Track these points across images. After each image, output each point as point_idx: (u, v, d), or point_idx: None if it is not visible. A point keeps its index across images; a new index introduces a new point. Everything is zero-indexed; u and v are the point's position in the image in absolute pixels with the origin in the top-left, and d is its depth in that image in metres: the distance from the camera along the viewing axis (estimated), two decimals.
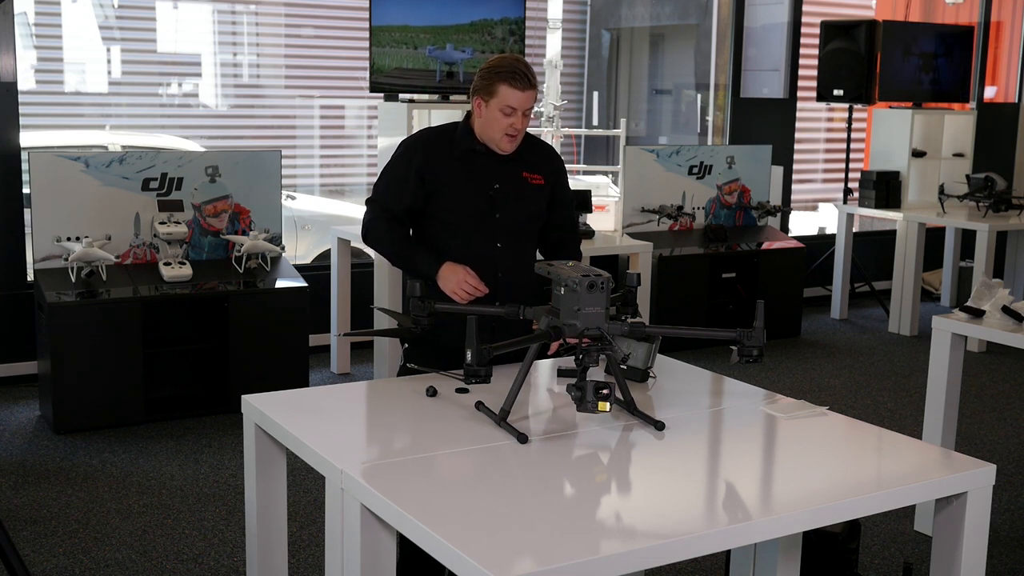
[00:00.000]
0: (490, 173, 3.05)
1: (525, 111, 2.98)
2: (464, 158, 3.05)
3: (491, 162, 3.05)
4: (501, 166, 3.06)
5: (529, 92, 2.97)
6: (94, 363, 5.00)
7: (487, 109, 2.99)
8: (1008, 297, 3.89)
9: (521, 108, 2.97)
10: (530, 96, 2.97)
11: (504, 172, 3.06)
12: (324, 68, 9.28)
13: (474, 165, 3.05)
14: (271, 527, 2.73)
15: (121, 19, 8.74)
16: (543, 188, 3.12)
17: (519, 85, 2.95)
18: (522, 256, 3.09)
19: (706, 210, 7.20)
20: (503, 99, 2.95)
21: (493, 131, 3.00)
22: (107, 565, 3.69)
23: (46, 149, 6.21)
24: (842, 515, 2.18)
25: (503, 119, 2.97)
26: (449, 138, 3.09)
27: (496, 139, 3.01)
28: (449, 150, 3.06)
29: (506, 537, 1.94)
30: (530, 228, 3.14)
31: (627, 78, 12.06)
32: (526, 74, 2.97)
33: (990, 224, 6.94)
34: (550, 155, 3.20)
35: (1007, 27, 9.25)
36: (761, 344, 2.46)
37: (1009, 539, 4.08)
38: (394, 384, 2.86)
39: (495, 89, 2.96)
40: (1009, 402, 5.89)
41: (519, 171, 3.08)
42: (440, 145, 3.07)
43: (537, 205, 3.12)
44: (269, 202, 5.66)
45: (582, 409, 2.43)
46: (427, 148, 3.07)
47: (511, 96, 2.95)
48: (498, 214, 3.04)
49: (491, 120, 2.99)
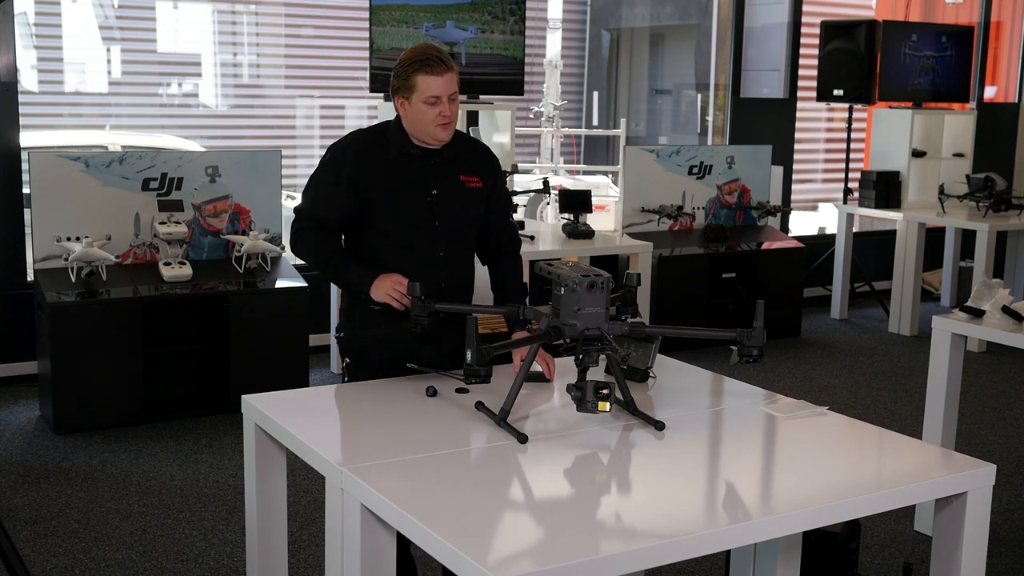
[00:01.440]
0: (426, 178, 2.92)
1: (450, 96, 2.84)
2: (398, 162, 2.91)
3: (426, 166, 2.92)
4: (437, 169, 2.93)
5: (448, 75, 2.83)
6: (94, 363, 5.00)
7: (411, 106, 2.85)
8: (1008, 297, 3.89)
9: (445, 94, 2.82)
10: (450, 80, 2.83)
11: (441, 176, 2.93)
12: (324, 68, 9.28)
13: (409, 169, 2.91)
14: (271, 527, 2.73)
15: (121, 19, 8.75)
16: (480, 191, 2.99)
17: (436, 70, 2.81)
18: (464, 261, 3.00)
19: (706, 210, 7.20)
20: (424, 90, 2.82)
21: (424, 125, 2.85)
22: (107, 565, 3.69)
23: (46, 149, 6.22)
24: (842, 515, 2.18)
25: (430, 110, 2.83)
26: (381, 141, 2.94)
27: (430, 131, 2.86)
28: (381, 154, 2.91)
29: (506, 537, 1.94)
30: (470, 233, 3.02)
31: (627, 78, 12.07)
32: (439, 58, 2.83)
33: (990, 224, 6.94)
34: (487, 156, 3.06)
35: (1007, 27, 9.25)
36: (761, 344, 2.46)
37: (1009, 539, 4.08)
38: (394, 384, 2.86)
39: (412, 83, 2.83)
40: (1009, 402, 5.90)
41: (456, 174, 2.95)
42: (371, 150, 2.92)
43: (476, 209, 2.99)
44: (269, 202, 5.66)
45: (582, 409, 2.44)
46: (358, 154, 2.91)
47: (431, 84, 2.81)
48: (437, 221, 2.91)
49: (418, 115, 2.84)
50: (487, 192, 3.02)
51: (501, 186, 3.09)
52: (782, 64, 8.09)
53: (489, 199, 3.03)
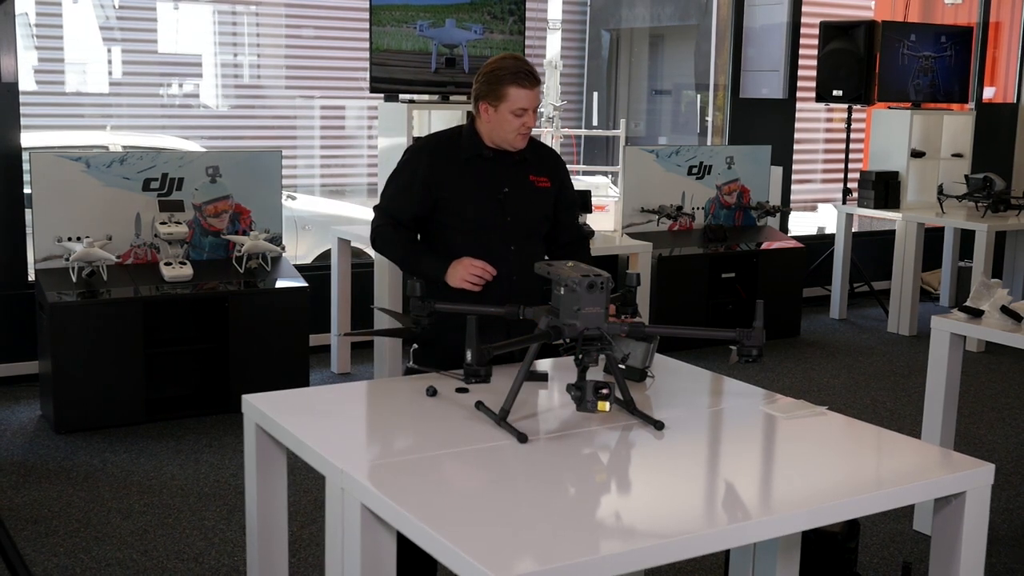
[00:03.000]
0: (498, 177, 3.07)
1: (534, 108, 3.01)
2: (471, 163, 3.07)
3: (498, 166, 3.08)
4: (508, 170, 3.08)
5: (536, 89, 3.00)
6: (94, 363, 5.00)
7: (496, 113, 3.00)
8: (1007, 297, 3.89)
9: (531, 106, 2.99)
10: (538, 93, 3.01)
11: (511, 176, 3.09)
12: (324, 68, 9.28)
13: (481, 170, 3.07)
14: (271, 527, 2.73)
15: (122, 19, 8.75)
16: (550, 191, 3.16)
17: (527, 84, 2.98)
18: (533, 258, 3.09)
19: (706, 210, 7.21)
20: (514, 101, 2.97)
21: (506, 133, 3.02)
22: (108, 564, 3.70)
23: (47, 149, 6.22)
24: (841, 515, 2.19)
25: (515, 120, 2.99)
26: (455, 143, 3.10)
27: (510, 139, 3.03)
28: (455, 156, 3.07)
29: (506, 537, 1.94)
30: (540, 230, 3.18)
31: (627, 78, 12.07)
32: (531, 72, 3.00)
33: (989, 224, 6.95)
34: (553, 158, 3.23)
35: (1006, 27, 9.25)
36: (760, 344, 2.47)
37: (1008, 538, 4.09)
38: (394, 384, 2.87)
39: (504, 92, 2.97)
40: (1008, 402, 5.90)
41: (526, 174, 3.11)
42: (446, 152, 3.09)
43: (546, 207, 3.15)
44: (269, 202, 5.66)
45: (582, 409, 2.44)
46: (432, 156, 3.08)
47: (521, 97, 2.97)
48: (509, 217, 3.06)
49: (502, 123, 3.01)
50: (555, 191, 3.18)
51: (568, 185, 3.26)
52: (781, 64, 8.09)
53: (558, 198, 3.19)
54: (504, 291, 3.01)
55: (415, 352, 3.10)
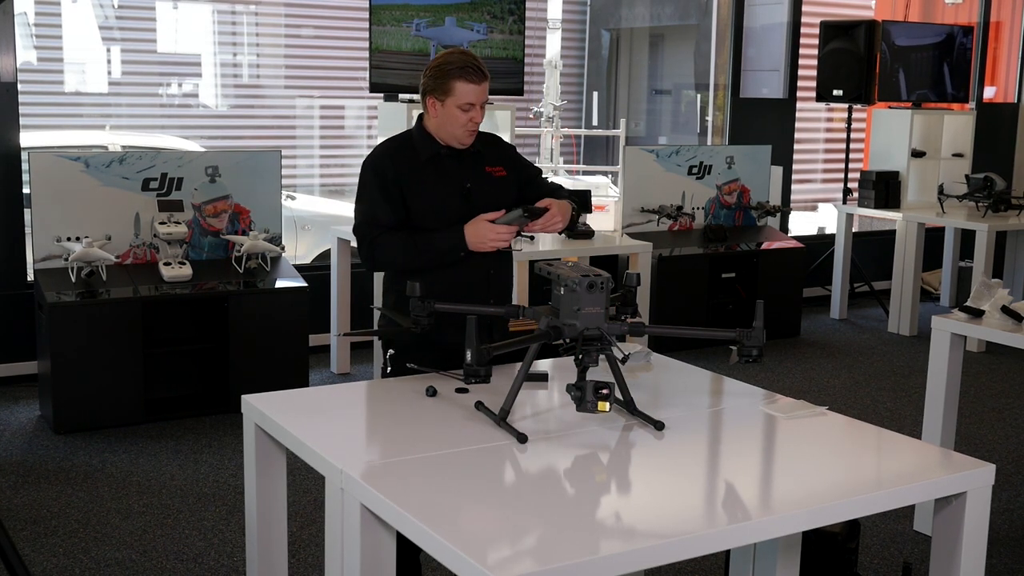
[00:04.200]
0: (459, 173, 3.07)
1: (482, 103, 3.00)
2: (430, 163, 3.05)
3: (456, 163, 3.07)
4: (466, 165, 3.08)
5: (484, 84, 2.99)
6: (94, 363, 5.00)
7: (443, 108, 2.99)
8: (1007, 297, 3.89)
9: (479, 101, 2.98)
10: (485, 88, 2.99)
11: (470, 170, 3.08)
12: (324, 68, 9.28)
13: (442, 168, 3.06)
14: (271, 527, 2.73)
15: (121, 19, 8.74)
16: (508, 179, 3.14)
17: (475, 79, 2.97)
18: (505, 250, 3.11)
19: (706, 210, 7.20)
20: (461, 96, 2.96)
21: (453, 128, 3.00)
22: (107, 565, 3.70)
23: (46, 149, 6.21)
24: (841, 515, 2.18)
25: (462, 115, 2.98)
26: (410, 146, 3.08)
27: (458, 135, 3.02)
28: (414, 158, 3.05)
29: (506, 537, 1.94)
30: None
31: (627, 78, 12.07)
32: (478, 67, 2.99)
33: (989, 224, 6.95)
34: (499, 144, 3.21)
35: (1006, 27, 9.25)
36: (761, 344, 2.46)
37: (1009, 539, 4.08)
38: (394, 384, 2.86)
39: (450, 87, 2.96)
40: (1008, 402, 5.90)
41: (482, 167, 3.11)
42: (404, 155, 3.07)
43: (509, 196, 3.12)
44: (269, 202, 5.66)
45: (582, 409, 2.44)
46: (394, 160, 3.05)
47: (468, 91, 2.96)
48: (477, 211, 3.03)
49: (449, 118, 2.99)
50: (514, 176, 3.16)
51: (522, 162, 3.23)
52: (782, 64, 8.09)
53: (520, 179, 3.17)
54: (483, 286, 3.03)
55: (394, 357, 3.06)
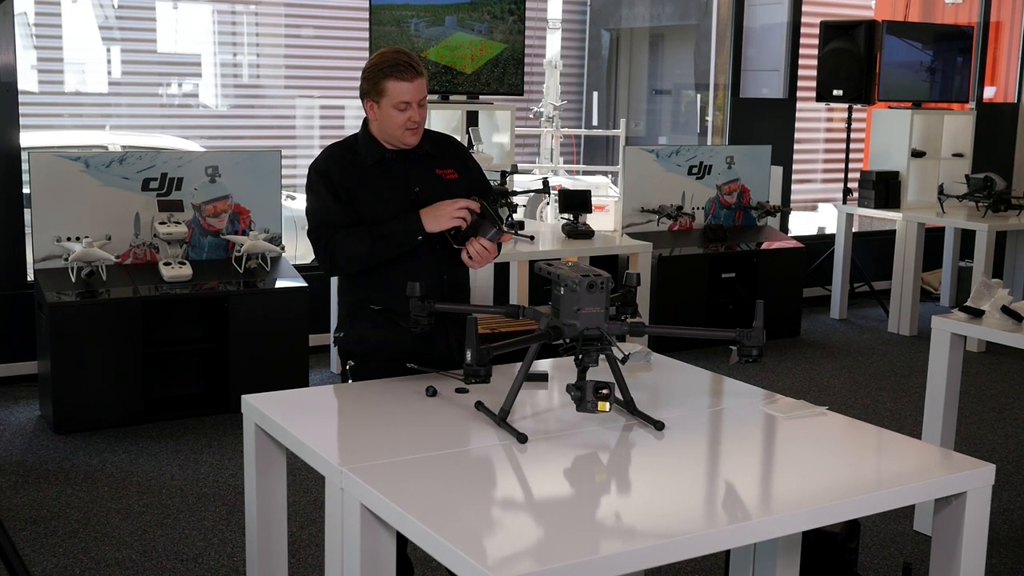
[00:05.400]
0: (406, 177, 2.98)
1: (419, 101, 2.91)
2: (376, 167, 2.98)
3: (403, 166, 2.98)
4: (414, 168, 3.00)
5: (418, 81, 2.90)
6: (94, 363, 5.00)
7: (380, 109, 2.92)
8: (1007, 297, 3.89)
9: (415, 99, 2.89)
10: (420, 85, 2.90)
11: (418, 173, 2.99)
12: (324, 68, 9.28)
13: (388, 172, 2.98)
14: (271, 527, 2.73)
15: (121, 19, 8.75)
16: (459, 182, 3.05)
17: (406, 76, 2.88)
18: (458, 252, 3.01)
19: (706, 210, 7.20)
20: (394, 95, 2.89)
21: (392, 129, 2.93)
22: (107, 565, 3.69)
23: (46, 149, 6.22)
24: (841, 515, 2.18)
25: (399, 115, 2.90)
26: (354, 151, 3.01)
27: (398, 136, 2.94)
28: (359, 163, 2.98)
29: (506, 537, 1.94)
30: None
31: (627, 78, 12.07)
32: (410, 64, 2.90)
33: (989, 224, 6.95)
34: (453, 146, 3.14)
35: (1007, 27, 9.25)
36: (761, 344, 2.46)
37: (1009, 539, 4.08)
38: (394, 384, 2.86)
39: (383, 87, 2.89)
40: (1008, 402, 5.90)
41: (432, 169, 3.02)
42: (348, 159, 2.99)
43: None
44: (269, 202, 5.66)
45: (582, 409, 2.44)
46: (339, 166, 2.97)
47: (401, 90, 2.88)
48: None
49: (387, 119, 2.92)
50: (465, 180, 3.07)
51: (476, 171, 3.15)
52: (782, 64, 8.09)
53: (471, 185, 3.08)
54: (437, 290, 2.93)
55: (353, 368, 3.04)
